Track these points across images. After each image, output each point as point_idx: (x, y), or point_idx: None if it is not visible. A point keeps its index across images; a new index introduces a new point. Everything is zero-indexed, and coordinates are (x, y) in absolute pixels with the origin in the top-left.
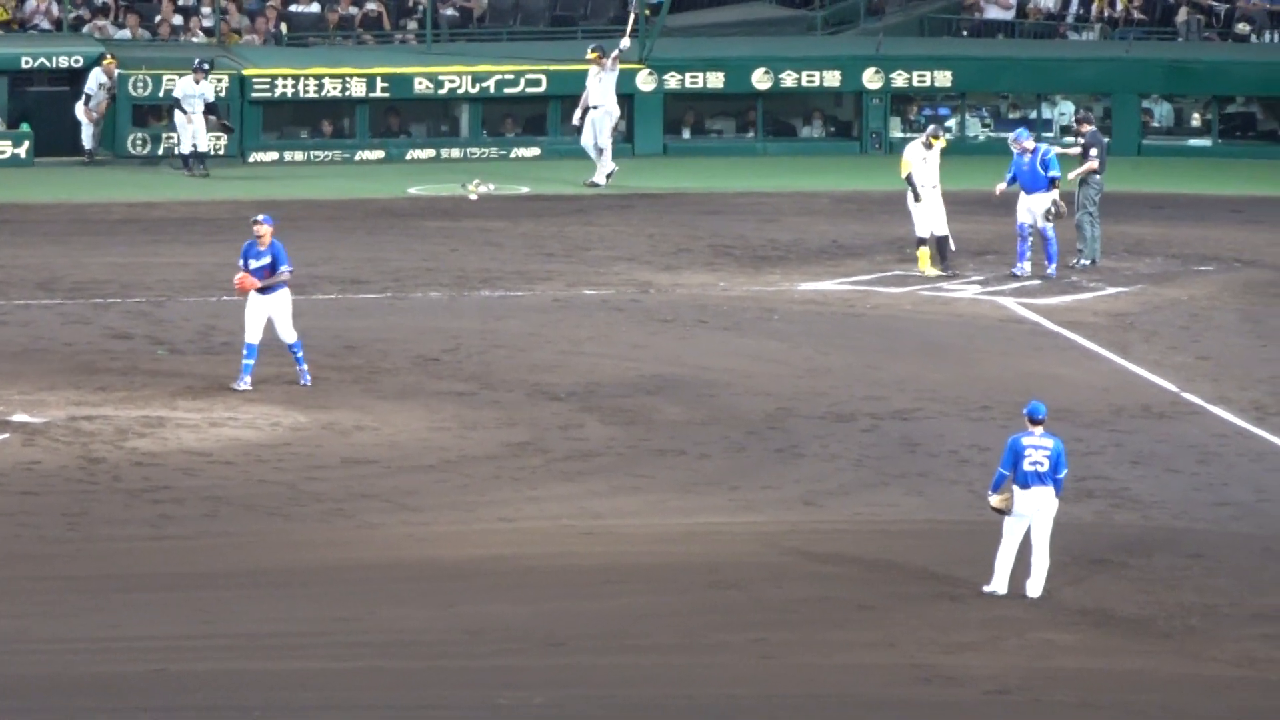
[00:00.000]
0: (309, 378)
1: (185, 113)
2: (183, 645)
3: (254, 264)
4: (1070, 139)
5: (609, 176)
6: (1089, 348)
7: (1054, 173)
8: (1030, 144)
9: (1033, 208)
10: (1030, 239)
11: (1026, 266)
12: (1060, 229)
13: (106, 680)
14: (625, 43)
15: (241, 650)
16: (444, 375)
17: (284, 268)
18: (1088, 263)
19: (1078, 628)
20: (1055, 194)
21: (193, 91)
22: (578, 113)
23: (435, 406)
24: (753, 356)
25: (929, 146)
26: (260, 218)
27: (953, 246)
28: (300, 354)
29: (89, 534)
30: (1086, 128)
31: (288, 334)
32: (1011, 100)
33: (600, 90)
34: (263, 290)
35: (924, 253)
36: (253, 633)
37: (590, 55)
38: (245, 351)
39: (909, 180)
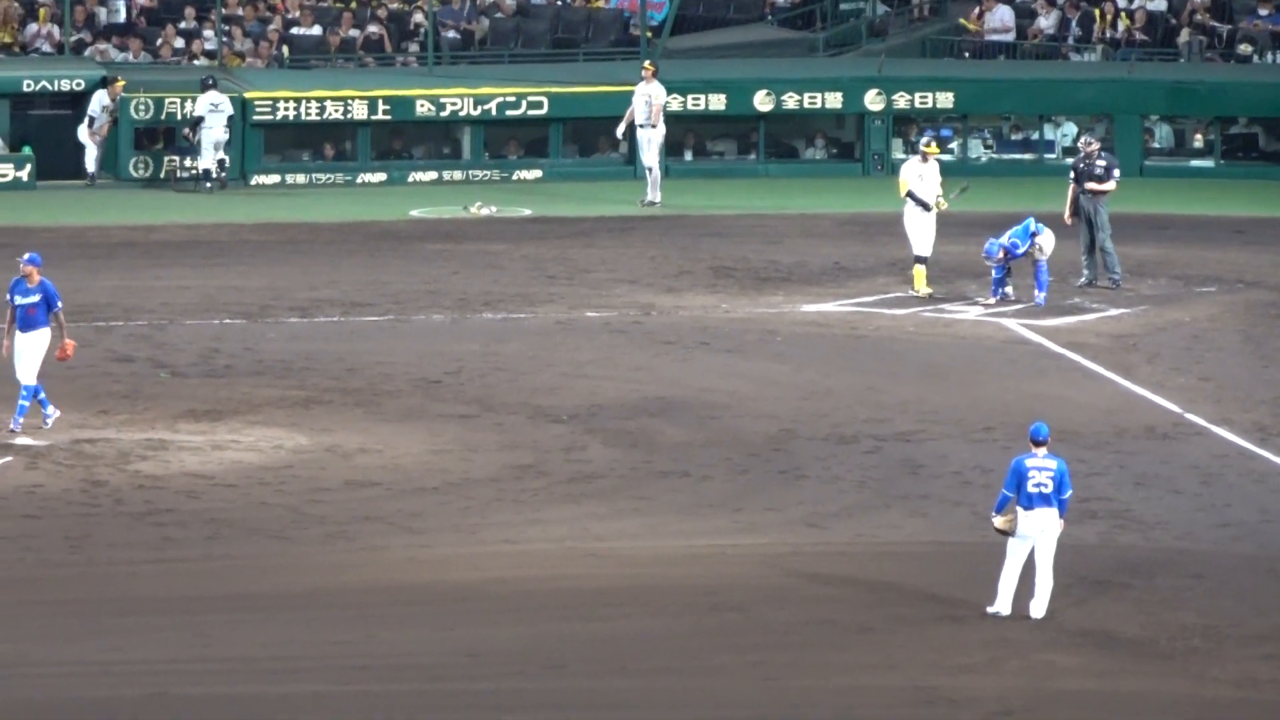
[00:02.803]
0: (20, 425)
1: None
2: (183, 669)
3: (20, 300)
4: (1099, 167)
5: (644, 203)
6: (1092, 369)
7: (1033, 231)
8: (1001, 256)
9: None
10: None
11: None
12: (1058, 254)
13: (106, 704)
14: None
15: (242, 674)
16: (446, 398)
17: (59, 306)
18: (1118, 277)
19: (1080, 649)
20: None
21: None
22: (621, 127)
23: (437, 429)
24: (755, 378)
25: (925, 160)
26: (25, 257)
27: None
28: (27, 401)
29: (91, 557)
30: (1097, 146)
31: (28, 375)
32: (1014, 121)
33: (648, 108)
34: (24, 329)
35: (920, 272)
36: (253, 656)
37: (646, 67)
38: (25, 393)
39: (911, 196)
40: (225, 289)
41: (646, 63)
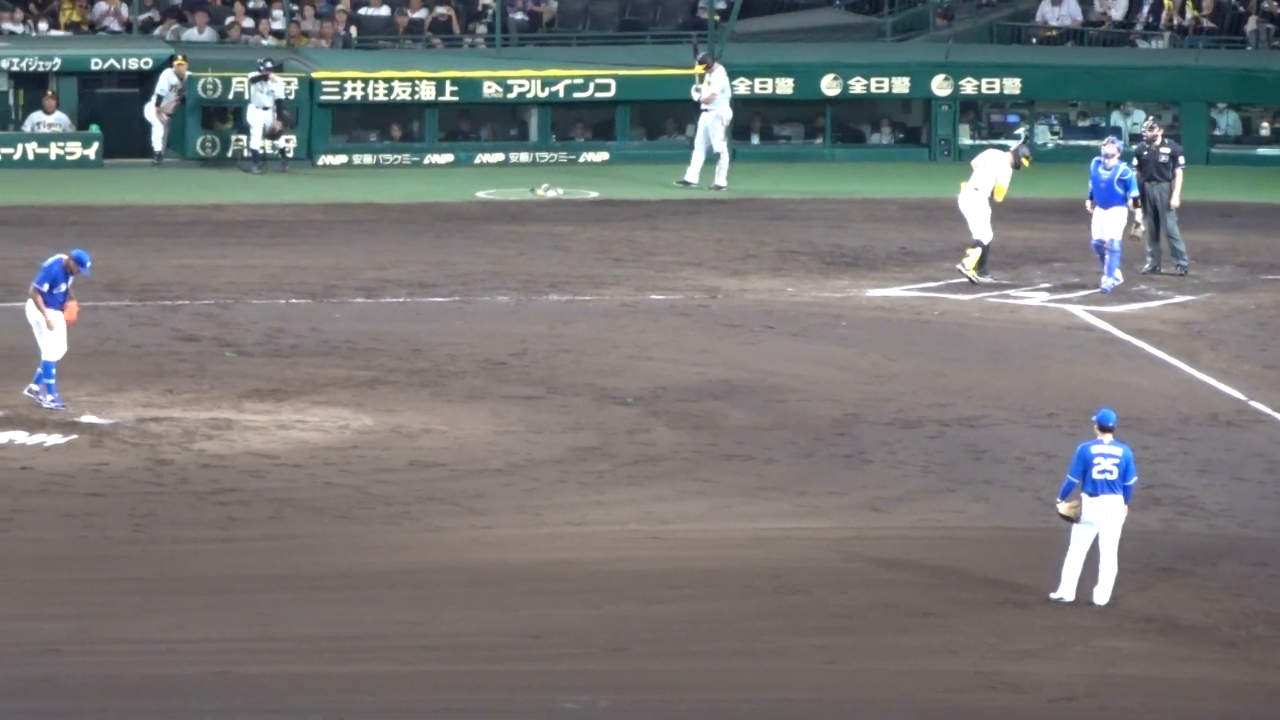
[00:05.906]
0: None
1: (262, 109)
2: (245, 648)
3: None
4: (1162, 154)
5: (683, 183)
6: (1156, 356)
7: (1134, 193)
8: (1114, 151)
9: (1107, 224)
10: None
11: (1119, 275)
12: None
13: (168, 682)
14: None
15: (304, 653)
16: (511, 379)
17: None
18: (1185, 264)
19: (1143, 635)
20: (1138, 213)
21: (259, 89)
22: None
23: (502, 410)
24: (820, 362)
25: (1017, 167)
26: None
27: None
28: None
29: (155, 535)
30: (1161, 133)
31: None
32: (1080, 108)
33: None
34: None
35: (977, 253)
36: (316, 636)
37: (698, 68)
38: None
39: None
40: (291, 269)
41: (698, 60)
